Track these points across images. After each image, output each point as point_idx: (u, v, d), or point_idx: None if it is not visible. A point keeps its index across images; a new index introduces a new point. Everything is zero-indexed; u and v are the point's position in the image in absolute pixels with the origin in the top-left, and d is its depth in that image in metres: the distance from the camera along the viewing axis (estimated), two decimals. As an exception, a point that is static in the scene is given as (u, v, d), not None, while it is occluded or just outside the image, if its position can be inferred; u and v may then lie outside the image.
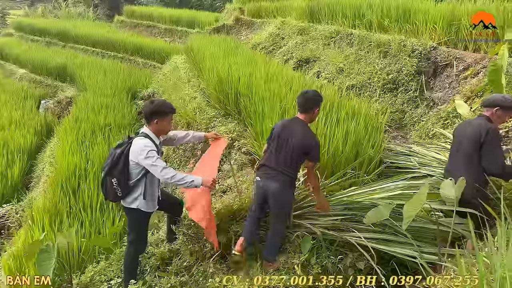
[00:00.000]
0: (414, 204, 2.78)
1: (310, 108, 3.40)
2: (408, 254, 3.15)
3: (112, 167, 3.34)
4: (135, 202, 3.43)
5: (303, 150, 3.33)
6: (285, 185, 3.34)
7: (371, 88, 7.34)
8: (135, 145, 3.30)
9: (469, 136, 3.28)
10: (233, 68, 7.30)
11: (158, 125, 3.38)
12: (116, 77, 11.93)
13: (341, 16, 9.81)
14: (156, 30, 20.43)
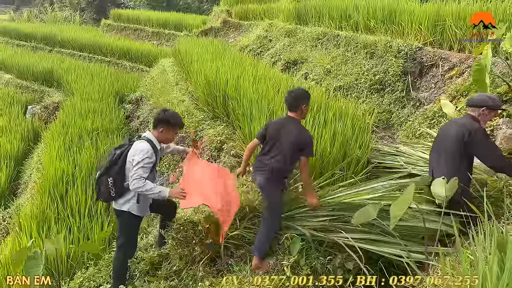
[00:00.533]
0: (400, 204, 2.81)
1: (298, 106, 3.54)
2: (395, 253, 3.17)
3: (110, 166, 3.37)
4: (126, 204, 3.43)
5: (298, 147, 3.45)
6: (272, 180, 3.49)
7: (358, 89, 7.40)
8: (134, 147, 3.35)
9: (453, 135, 3.32)
10: (221, 70, 7.30)
11: (162, 133, 3.46)
12: (104, 81, 11.85)
13: (328, 18, 9.88)
14: (143, 33, 20.34)
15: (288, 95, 3.61)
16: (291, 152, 3.47)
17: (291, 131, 3.49)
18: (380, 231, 3.38)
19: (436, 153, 3.53)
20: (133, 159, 3.29)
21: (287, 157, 3.48)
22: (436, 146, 3.57)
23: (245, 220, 3.83)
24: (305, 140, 3.47)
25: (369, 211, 2.99)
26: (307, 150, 3.47)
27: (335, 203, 3.69)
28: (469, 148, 3.24)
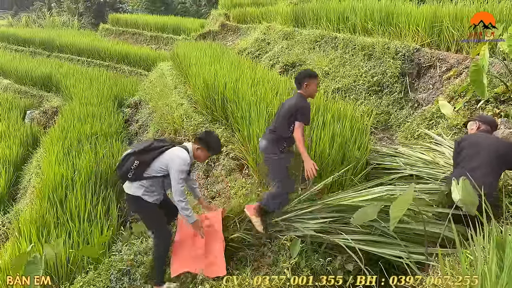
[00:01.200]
0: (400, 204, 2.81)
1: (300, 82, 3.89)
2: (395, 254, 3.17)
3: (143, 150, 3.47)
4: (138, 190, 3.49)
5: (290, 112, 3.77)
6: (272, 141, 3.85)
7: (356, 91, 7.41)
8: (175, 154, 3.46)
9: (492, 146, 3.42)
10: (220, 74, 7.31)
11: (198, 152, 3.60)
12: (102, 86, 11.86)
13: (326, 20, 9.91)
14: (141, 37, 20.38)
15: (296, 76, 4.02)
16: (287, 117, 3.78)
17: (291, 100, 3.90)
18: (380, 232, 3.38)
19: (471, 160, 3.46)
20: (171, 165, 3.41)
21: (284, 122, 3.80)
22: (471, 154, 3.49)
23: (245, 223, 3.82)
24: (296, 105, 3.78)
25: (368, 211, 2.99)
26: (298, 116, 3.73)
27: (334, 205, 3.69)
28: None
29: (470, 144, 3.53)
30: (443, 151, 4.49)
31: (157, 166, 3.46)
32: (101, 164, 6.78)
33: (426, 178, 4.12)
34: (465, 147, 3.54)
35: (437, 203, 3.48)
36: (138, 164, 3.42)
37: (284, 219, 3.74)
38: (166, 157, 3.46)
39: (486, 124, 3.72)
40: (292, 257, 3.41)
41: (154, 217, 3.66)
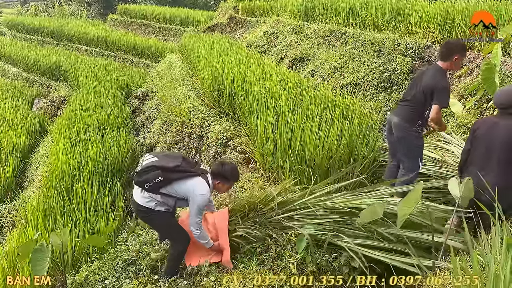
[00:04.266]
0: (408, 202, 2.79)
1: (450, 54, 3.67)
2: (404, 261, 3.14)
3: (170, 169, 3.30)
4: (151, 202, 3.41)
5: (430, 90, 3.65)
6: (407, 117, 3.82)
7: (365, 87, 7.36)
8: (199, 189, 3.34)
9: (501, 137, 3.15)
10: (228, 67, 7.29)
11: (219, 186, 3.53)
12: (110, 76, 11.88)
13: (335, 15, 9.83)
14: (150, 28, 20.34)
15: (443, 45, 3.85)
16: (422, 94, 3.69)
17: (427, 75, 3.74)
18: (381, 235, 3.35)
19: (483, 156, 3.28)
20: (192, 195, 3.33)
21: (419, 98, 3.73)
22: (482, 149, 3.29)
23: (245, 219, 3.81)
24: (438, 85, 3.62)
25: (375, 210, 2.97)
26: (435, 95, 3.61)
27: (337, 209, 3.65)
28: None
29: (484, 132, 3.26)
30: (452, 150, 4.46)
31: (176, 189, 3.35)
32: (108, 154, 6.81)
33: (434, 177, 4.09)
34: (477, 139, 3.31)
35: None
36: (160, 181, 3.29)
37: (286, 217, 3.72)
38: (189, 186, 3.34)
39: (500, 108, 3.26)
40: (298, 252, 3.40)
41: (168, 226, 3.58)
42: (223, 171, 3.46)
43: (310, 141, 4.43)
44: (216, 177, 3.48)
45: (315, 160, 4.41)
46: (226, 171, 3.46)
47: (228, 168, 3.51)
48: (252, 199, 3.86)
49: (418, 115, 3.83)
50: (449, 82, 3.68)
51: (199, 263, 3.60)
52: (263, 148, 4.87)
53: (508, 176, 3.11)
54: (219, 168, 3.47)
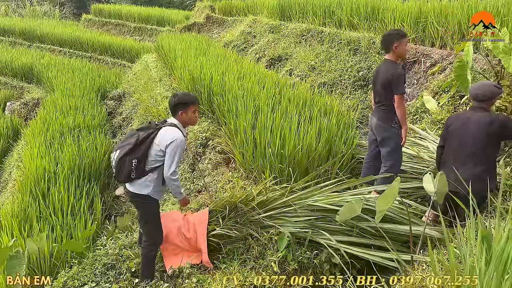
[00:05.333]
0: (386, 198, 2.85)
1: (389, 45, 3.86)
2: (383, 256, 3.20)
3: (135, 147, 3.30)
4: (146, 188, 3.37)
5: (387, 83, 3.80)
6: (383, 118, 3.94)
7: (342, 85, 7.45)
8: (167, 133, 3.30)
9: (477, 129, 3.24)
10: (206, 66, 7.26)
11: (183, 116, 3.43)
12: (85, 77, 11.66)
13: (312, 14, 9.91)
14: (125, 28, 20.05)
15: (381, 38, 4.03)
16: (385, 92, 3.86)
17: (381, 71, 3.92)
18: (360, 231, 3.40)
19: (456, 150, 3.37)
20: (167, 146, 3.25)
21: (382, 95, 3.90)
22: (455, 143, 3.39)
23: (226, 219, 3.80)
24: (387, 77, 3.79)
25: (353, 206, 3.02)
26: (393, 86, 3.77)
27: (317, 207, 3.68)
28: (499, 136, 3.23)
29: (456, 126, 3.39)
30: (427, 146, 4.56)
31: (153, 155, 3.32)
32: (85, 157, 6.68)
33: (410, 172, 4.18)
34: (450, 134, 3.42)
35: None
36: (137, 162, 3.28)
37: (266, 216, 3.73)
38: (161, 140, 3.29)
39: (473, 99, 3.37)
40: (279, 251, 3.42)
41: (155, 217, 3.55)
42: (178, 99, 3.42)
43: (290, 140, 4.46)
44: (175, 111, 3.42)
45: (294, 159, 4.44)
46: (181, 98, 3.45)
47: (181, 93, 3.56)
48: (233, 199, 3.85)
49: (391, 113, 3.91)
50: (403, 70, 3.81)
51: (180, 265, 3.58)
52: (243, 148, 4.87)
53: (480, 169, 3.21)
54: (172, 100, 3.44)
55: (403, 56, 4.00)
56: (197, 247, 3.70)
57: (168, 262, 3.69)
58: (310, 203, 3.63)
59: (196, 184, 5.43)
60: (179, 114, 3.41)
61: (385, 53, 4.02)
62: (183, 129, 3.46)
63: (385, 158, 4.03)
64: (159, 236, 3.60)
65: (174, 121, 3.43)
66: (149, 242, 3.53)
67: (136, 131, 3.45)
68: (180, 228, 3.81)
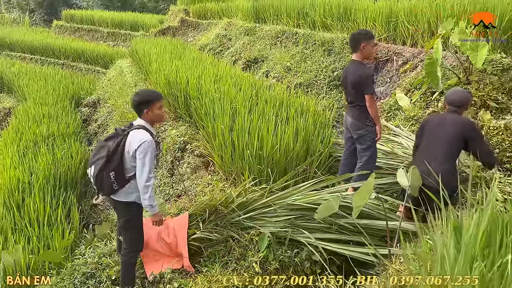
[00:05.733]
0: (362, 194, 2.90)
1: (357, 46, 3.92)
2: (356, 251, 3.25)
3: (108, 159, 3.20)
4: (132, 195, 3.30)
5: (357, 84, 3.86)
6: (358, 116, 3.99)
7: (318, 86, 7.54)
8: (133, 137, 3.19)
9: (450, 130, 3.44)
10: (181, 70, 7.22)
11: (149, 114, 3.30)
12: (58, 85, 11.44)
13: (286, 16, 10.01)
14: (98, 34, 19.76)
15: (350, 38, 4.09)
16: (355, 92, 3.90)
17: (350, 72, 3.95)
18: (339, 227, 3.46)
19: (426, 147, 3.56)
20: (135, 151, 3.15)
21: (354, 95, 3.95)
22: (428, 140, 3.59)
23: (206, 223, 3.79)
24: (358, 78, 3.84)
25: (331, 204, 3.06)
26: (363, 86, 3.82)
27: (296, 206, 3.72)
28: (467, 141, 3.40)
29: (431, 129, 3.58)
30: (401, 142, 4.67)
31: (128, 161, 3.23)
32: (60, 166, 6.55)
33: (385, 168, 4.27)
34: (425, 133, 3.61)
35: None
36: (115, 174, 3.20)
37: (247, 217, 3.75)
38: (131, 145, 3.19)
39: (449, 104, 3.61)
40: (260, 251, 3.44)
41: (141, 223, 3.51)
42: (140, 98, 3.29)
43: (267, 141, 4.48)
44: (140, 110, 3.30)
45: (273, 159, 4.47)
46: (143, 96, 3.32)
47: (143, 91, 3.43)
48: (213, 202, 3.85)
49: (365, 111, 3.99)
50: (370, 70, 3.92)
51: (161, 271, 3.55)
52: (222, 150, 4.87)
53: (451, 164, 3.37)
54: (135, 100, 3.30)
55: (369, 57, 4.10)
56: (178, 252, 3.68)
57: (149, 268, 3.66)
58: (289, 203, 3.66)
59: (175, 189, 5.40)
60: (144, 113, 3.29)
61: (352, 53, 4.09)
62: (152, 128, 3.35)
63: (361, 155, 4.10)
64: (141, 243, 3.57)
65: (140, 122, 3.31)
66: (130, 250, 3.49)
67: (104, 142, 3.34)
68: (160, 234, 3.79)
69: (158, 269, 3.58)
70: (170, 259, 3.67)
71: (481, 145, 3.40)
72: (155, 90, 3.52)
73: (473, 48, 4.71)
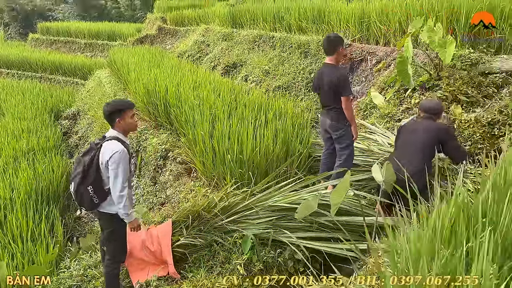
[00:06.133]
0: (339, 191, 2.99)
1: (335, 49, 3.98)
2: (336, 247, 3.35)
3: (84, 177, 3.23)
4: (113, 206, 3.31)
5: (334, 86, 3.92)
6: (337, 118, 4.05)
7: (296, 88, 7.66)
8: (105, 148, 3.22)
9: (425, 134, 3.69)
10: (160, 78, 7.24)
11: (121, 123, 3.32)
12: (36, 99, 11.33)
13: (262, 20, 10.12)
14: (75, 45, 19.60)
15: (324, 40, 4.09)
16: (333, 94, 3.96)
17: (327, 75, 3.99)
18: (320, 226, 3.55)
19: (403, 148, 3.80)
20: (107, 162, 3.18)
21: (334, 101, 4.01)
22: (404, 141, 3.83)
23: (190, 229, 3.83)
24: (336, 80, 3.91)
25: (310, 203, 3.15)
26: (341, 88, 3.90)
27: (278, 207, 3.80)
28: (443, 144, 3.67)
29: (406, 132, 3.86)
30: (376, 139, 4.80)
31: (105, 174, 3.28)
32: (41, 180, 6.49)
33: (362, 166, 4.38)
34: (401, 135, 3.88)
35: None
36: (93, 188, 3.24)
37: (230, 221, 3.81)
38: (104, 156, 3.22)
39: (425, 112, 3.85)
40: (244, 253, 3.50)
41: (125, 234, 3.54)
42: (112, 107, 3.31)
43: (247, 144, 4.55)
44: (112, 120, 3.31)
45: (253, 162, 4.54)
46: (114, 105, 3.34)
47: (114, 101, 3.49)
48: (195, 208, 3.89)
49: (343, 113, 4.07)
50: (345, 72, 4.05)
51: (147, 279, 3.58)
52: (203, 156, 4.92)
53: (421, 163, 3.55)
54: (106, 109, 3.32)
55: (341, 60, 4.20)
56: (162, 260, 3.71)
57: (135, 277, 3.68)
58: (270, 204, 3.74)
59: (159, 197, 5.42)
60: (116, 123, 3.31)
61: (326, 56, 4.12)
62: (125, 138, 3.38)
63: (340, 153, 4.20)
64: (124, 254, 3.61)
65: (112, 133, 3.34)
66: (112, 260, 3.51)
67: (81, 157, 3.37)
68: (144, 242, 3.82)
69: (144, 278, 3.61)
70: (156, 267, 3.70)
71: (455, 148, 3.70)
72: (127, 99, 3.55)
73: (441, 45, 4.88)
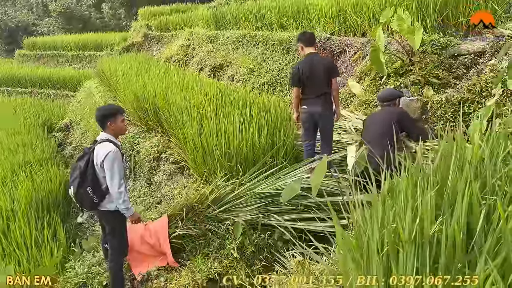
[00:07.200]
0: (317, 173, 3.25)
1: (314, 41, 4.54)
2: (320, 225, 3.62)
3: (82, 179, 3.45)
4: (113, 204, 3.53)
5: (330, 70, 4.35)
6: (330, 106, 4.44)
7: (281, 83, 7.92)
8: (99, 150, 3.43)
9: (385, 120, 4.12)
10: (148, 84, 7.47)
11: (113, 126, 3.54)
12: (28, 113, 11.50)
13: (244, 20, 10.38)
14: (62, 58, 19.76)
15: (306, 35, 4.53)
16: (327, 79, 4.32)
17: (319, 62, 4.35)
18: (306, 207, 3.84)
19: (371, 133, 4.20)
20: (102, 162, 3.38)
21: (327, 86, 4.35)
22: (371, 128, 4.26)
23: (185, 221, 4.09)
24: (331, 64, 4.48)
25: (293, 186, 3.41)
26: (334, 71, 4.41)
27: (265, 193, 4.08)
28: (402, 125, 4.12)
29: (370, 120, 4.38)
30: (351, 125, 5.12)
31: (101, 175, 3.48)
32: (40, 190, 6.71)
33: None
34: (367, 124, 4.38)
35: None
36: (92, 189, 3.44)
37: (221, 211, 4.07)
38: (97, 158, 3.42)
39: (382, 102, 4.41)
40: (236, 238, 3.76)
41: (125, 229, 3.75)
42: (104, 111, 3.54)
43: (233, 139, 4.80)
44: (104, 123, 3.52)
45: (241, 155, 4.79)
46: (107, 109, 3.58)
47: (106, 105, 3.76)
48: (189, 201, 4.16)
49: (330, 98, 4.45)
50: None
51: (148, 270, 3.83)
52: (193, 154, 5.16)
53: (385, 147, 3.77)
54: (98, 114, 3.54)
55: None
56: (161, 251, 3.96)
57: (136, 270, 3.93)
58: (258, 192, 4.01)
59: (155, 197, 5.67)
60: (108, 126, 3.53)
61: (310, 46, 4.48)
62: (116, 140, 3.60)
63: (327, 138, 4.52)
64: (126, 247, 3.82)
65: (104, 136, 3.54)
66: (116, 255, 3.74)
67: (76, 163, 3.61)
68: (143, 237, 4.07)
69: (145, 269, 3.86)
70: (155, 258, 3.96)
71: (410, 127, 4.19)
72: (117, 106, 3.79)
73: (410, 32, 5.16)
